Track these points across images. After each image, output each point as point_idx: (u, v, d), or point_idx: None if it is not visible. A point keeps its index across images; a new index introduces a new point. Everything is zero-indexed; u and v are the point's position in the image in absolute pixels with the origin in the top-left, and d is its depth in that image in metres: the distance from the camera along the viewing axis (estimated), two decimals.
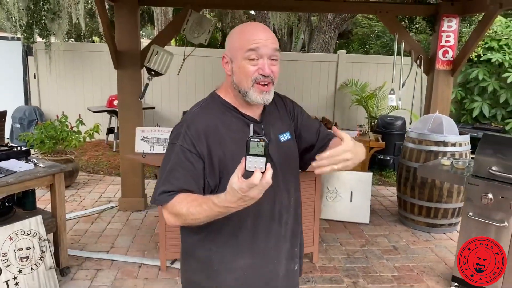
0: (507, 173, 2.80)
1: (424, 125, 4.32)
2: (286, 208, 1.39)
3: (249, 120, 1.33)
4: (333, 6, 4.67)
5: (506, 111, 6.87)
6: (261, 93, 1.28)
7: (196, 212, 1.16)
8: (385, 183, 5.92)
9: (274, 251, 1.38)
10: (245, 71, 1.26)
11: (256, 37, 1.25)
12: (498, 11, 4.05)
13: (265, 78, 1.27)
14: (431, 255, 3.79)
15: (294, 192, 1.43)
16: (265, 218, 1.33)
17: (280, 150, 1.36)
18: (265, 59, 1.26)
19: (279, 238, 1.38)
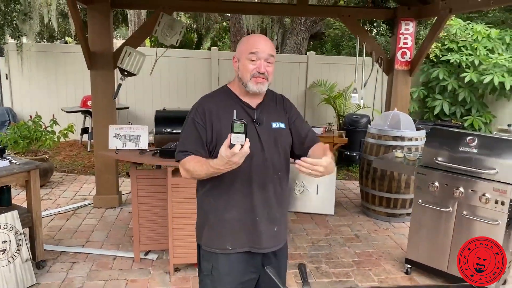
0: (451, 163, 3.10)
1: (384, 121, 4.62)
2: (271, 178, 1.75)
3: (246, 106, 1.76)
4: (298, 9, 4.92)
5: (464, 108, 7.30)
6: (256, 84, 1.72)
7: (198, 170, 1.64)
8: (351, 177, 6.23)
9: (257, 211, 1.74)
10: (246, 68, 1.71)
11: (257, 45, 1.70)
12: (448, 15, 4.38)
13: (260, 75, 1.70)
14: (390, 241, 4.08)
15: (279, 168, 1.78)
16: (251, 183, 1.72)
17: (270, 133, 1.76)
18: (262, 61, 1.70)
19: (262, 201, 1.75)
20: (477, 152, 2.98)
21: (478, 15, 9.65)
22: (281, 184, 1.82)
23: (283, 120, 1.83)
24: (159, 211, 3.45)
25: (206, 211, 1.81)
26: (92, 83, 4.51)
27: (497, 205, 2.88)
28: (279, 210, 1.82)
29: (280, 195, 1.81)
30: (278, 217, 1.82)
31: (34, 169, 3.16)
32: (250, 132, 1.67)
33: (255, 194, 1.73)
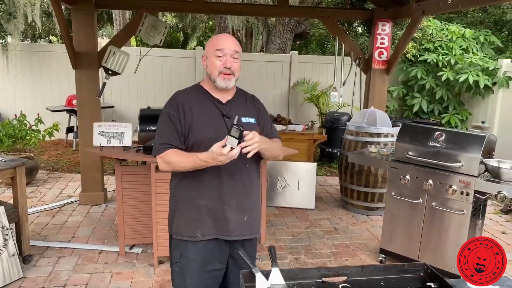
0: (421, 157, 3.27)
1: (362, 118, 4.80)
2: (239, 169, 1.87)
3: (216, 101, 1.89)
4: (279, 10, 5.07)
5: (442, 106, 7.54)
6: (224, 79, 1.84)
7: (183, 162, 1.78)
8: (332, 173, 6.40)
9: (226, 199, 1.86)
10: (214, 65, 1.84)
11: (222, 42, 1.84)
12: (421, 17, 4.58)
13: (227, 70, 1.83)
14: (367, 233, 4.26)
15: (248, 160, 1.86)
16: (220, 173, 1.84)
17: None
18: (228, 57, 1.83)
19: (231, 190, 1.86)
20: (445, 146, 3.17)
21: (457, 15, 9.94)
22: (250, 175, 1.93)
23: (253, 116, 1.95)
24: (143, 206, 3.56)
25: (177, 200, 1.92)
26: (77, 82, 4.59)
27: (463, 196, 3.07)
28: (248, 200, 1.92)
29: (249, 185, 1.92)
30: (247, 207, 1.92)
31: (20, 165, 3.24)
32: (220, 125, 1.84)
33: (224, 183, 1.85)
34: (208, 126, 1.84)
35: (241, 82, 1.98)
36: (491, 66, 6.84)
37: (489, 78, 6.81)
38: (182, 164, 1.78)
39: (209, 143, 1.74)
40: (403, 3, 4.94)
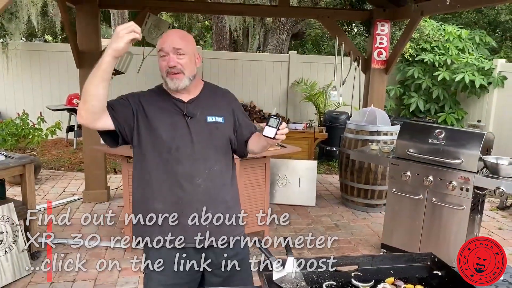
0: (421, 154, 3.37)
1: (361, 117, 4.89)
2: (201, 173, 1.72)
3: (177, 101, 1.76)
4: (279, 10, 5.15)
5: (438, 105, 7.66)
6: (172, 80, 1.69)
7: (91, 75, 1.56)
8: (331, 172, 6.50)
9: (184, 204, 1.71)
10: (160, 66, 1.71)
11: (163, 41, 1.70)
12: (420, 17, 4.68)
13: (172, 69, 1.67)
14: (368, 230, 4.35)
15: (214, 163, 1.75)
16: (177, 176, 1.70)
17: (203, 128, 1.75)
18: (170, 55, 1.66)
19: (190, 195, 1.71)
20: (445, 143, 3.26)
21: (452, 16, 10.08)
22: (214, 181, 1.75)
23: (222, 114, 1.80)
24: None
25: (136, 206, 1.79)
26: (81, 81, 4.62)
27: (462, 191, 3.16)
28: (210, 208, 1.73)
29: (213, 190, 1.75)
30: (212, 213, 1.73)
31: (29, 163, 3.30)
32: (179, 124, 1.72)
33: (182, 187, 1.70)
34: (166, 126, 1.71)
35: (240, 82, 1.93)
36: (486, 66, 6.97)
37: (485, 77, 6.94)
38: (89, 81, 1.55)
39: (166, 141, 1.69)
40: (402, 4, 5.04)
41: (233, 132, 1.84)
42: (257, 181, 3.86)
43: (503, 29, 10.94)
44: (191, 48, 1.72)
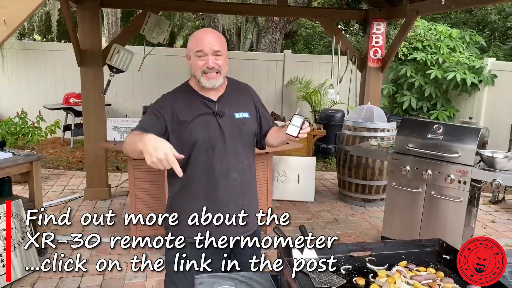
0: (420, 148, 3.48)
1: (358, 114, 5.01)
2: (235, 168, 1.82)
3: (206, 100, 1.81)
4: (278, 10, 5.24)
5: (430, 103, 7.82)
6: (208, 79, 1.76)
7: (129, 140, 1.66)
8: (328, 168, 6.61)
9: (223, 200, 1.79)
10: (196, 65, 1.75)
11: (202, 41, 1.74)
12: (415, 17, 4.81)
13: (210, 70, 1.74)
14: (366, 224, 4.46)
15: (244, 158, 1.85)
16: (214, 173, 1.79)
17: (233, 124, 1.82)
18: (209, 56, 1.73)
19: (227, 191, 1.80)
20: (443, 138, 3.38)
21: (441, 16, 10.28)
22: (245, 173, 1.86)
23: (247, 110, 1.88)
24: (155, 198, 3.69)
25: (175, 204, 1.85)
26: (82, 79, 4.67)
27: (460, 184, 3.28)
28: (246, 198, 1.85)
29: (245, 183, 1.86)
30: (246, 205, 1.84)
31: (36, 160, 3.33)
32: (212, 124, 1.78)
33: (219, 184, 1.78)
34: (200, 127, 1.77)
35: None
36: (477, 64, 7.15)
37: (475, 76, 7.11)
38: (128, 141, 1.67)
39: (203, 143, 1.75)
40: (397, 3, 5.16)
41: (257, 126, 1.92)
42: (260, 177, 3.94)
43: (491, 28, 11.20)
44: (225, 49, 1.80)
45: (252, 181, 1.93)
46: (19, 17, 1.52)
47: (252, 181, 1.93)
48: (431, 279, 1.56)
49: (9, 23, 1.49)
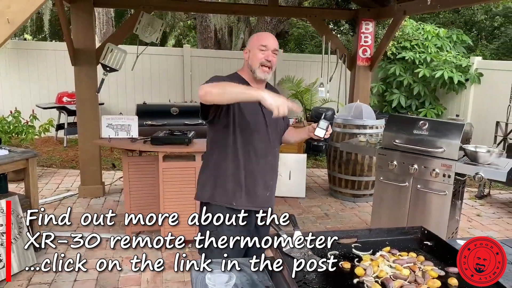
0: (407, 144, 3.59)
1: (348, 112, 5.13)
2: (271, 151, 2.18)
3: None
4: (270, 10, 5.34)
5: (419, 101, 7.99)
6: (263, 72, 2.06)
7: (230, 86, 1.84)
8: (318, 165, 6.73)
9: (257, 176, 2.13)
10: (257, 57, 2.05)
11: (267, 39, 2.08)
12: (403, 17, 4.94)
13: (267, 63, 2.05)
14: (356, 218, 4.58)
15: (277, 144, 2.22)
16: (256, 152, 2.12)
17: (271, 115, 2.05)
18: (269, 51, 2.05)
19: (261, 169, 2.15)
20: (428, 134, 3.49)
21: (430, 16, 10.45)
22: (276, 158, 2.24)
23: None
24: (149, 195, 3.77)
25: (216, 173, 2.15)
26: (76, 78, 4.72)
27: (445, 178, 3.40)
28: (273, 178, 2.22)
29: (275, 165, 2.24)
30: (271, 184, 2.21)
31: (32, 157, 3.39)
32: (258, 112, 2.10)
33: (258, 162, 2.12)
34: (248, 112, 2.07)
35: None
36: (464, 63, 7.31)
37: (462, 74, 7.28)
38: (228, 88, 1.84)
39: (249, 128, 2.05)
40: (385, 3, 5.29)
41: (283, 122, 2.27)
42: None
43: (478, 28, 11.41)
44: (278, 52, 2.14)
45: (277, 166, 2.29)
46: (22, 16, 1.59)
47: (277, 166, 2.29)
48: (412, 263, 1.67)
49: (13, 22, 1.56)
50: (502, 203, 5.32)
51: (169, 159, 3.54)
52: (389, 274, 1.58)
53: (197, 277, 1.66)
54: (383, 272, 1.58)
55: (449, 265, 1.64)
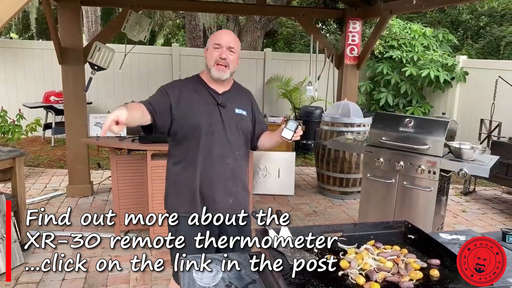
0: (393, 141, 3.65)
1: (336, 110, 5.17)
2: (230, 155, 2.04)
3: (212, 91, 2.04)
4: (258, 9, 5.36)
5: (406, 100, 8.08)
6: (218, 70, 1.98)
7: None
8: (307, 164, 6.78)
9: (215, 181, 2.03)
10: (211, 55, 1.99)
11: (221, 36, 2.00)
12: (389, 15, 5.00)
13: (222, 61, 1.97)
14: (344, 215, 4.63)
15: (239, 148, 2.07)
16: (212, 156, 2.02)
17: (232, 117, 2.05)
18: (224, 49, 1.97)
19: (219, 173, 2.04)
20: (414, 131, 3.55)
21: (417, 15, 10.58)
22: (238, 162, 2.08)
23: (246, 109, 2.11)
24: (138, 193, 3.77)
25: (172, 179, 2.09)
26: (63, 77, 4.69)
27: (430, 174, 3.46)
28: (236, 184, 2.08)
29: (236, 170, 2.07)
30: (234, 191, 2.07)
31: (19, 156, 3.37)
32: (214, 112, 2.01)
33: (215, 166, 2.01)
34: (203, 113, 1.99)
35: None
36: (450, 62, 7.42)
37: (448, 73, 7.39)
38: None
39: (204, 127, 1.96)
40: (372, 3, 5.35)
41: (251, 125, 2.15)
42: None
43: (464, 27, 11.58)
44: (238, 50, 2.05)
45: (243, 171, 2.13)
46: (7, 14, 1.59)
47: (243, 171, 2.13)
48: (395, 255, 1.70)
49: None
50: (487, 199, 5.42)
51: (157, 158, 3.54)
52: (373, 266, 1.61)
53: (185, 272, 1.68)
54: (367, 265, 1.61)
55: (431, 257, 1.69)
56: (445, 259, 1.65)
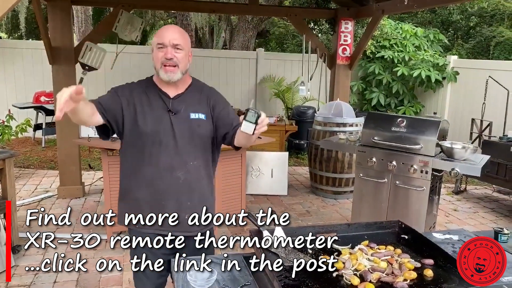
0: (385, 141, 3.66)
1: (328, 110, 5.19)
2: (182, 166, 1.82)
3: (163, 95, 1.84)
4: (250, 9, 5.36)
5: (398, 100, 8.13)
6: (166, 72, 1.78)
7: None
8: (300, 164, 6.78)
9: (164, 195, 1.82)
10: (156, 57, 1.79)
11: (163, 34, 1.79)
12: (381, 16, 5.02)
13: (168, 61, 1.76)
14: (337, 215, 4.64)
15: (193, 158, 1.84)
16: (159, 167, 1.81)
17: (186, 123, 1.83)
18: (168, 48, 1.75)
19: (170, 187, 1.82)
20: (406, 131, 3.57)
21: (408, 16, 10.65)
22: (192, 174, 1.85)
23: (204, 111, 1.86)
24: None
25: (121, 190, 1.93)
26: (54, 77, 4.64)
27: (422, 174, 3.48)
28: (191, 198, 1.85)
29: (191, 184, 1.85)
30: (189, 205, 1.84)
31: (9, 157, 3.33)
32: (163, 119, 1.80)
33: (163, 179, 1.80)
34: (151, 120, 1.80)
35: (209, 78, 2.03)
36: (440, 62, 7.48)
37: (439, 73, 7.44)
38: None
39: (150, 136, 1.78)
40: (364, 3, 5.37)
41: (214, 129, 1.89)
42: (234, 172, 4.05)
43: (454, 28, 11.68)
44: (187, 45, 1.82)
45: (201, 183, 1.89)
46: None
47: (201, 183, 1.89)
48: (389, 255, 1.71)
49: None
50: (478, 198, 5.47)
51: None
52: (368, 267, 1.62)
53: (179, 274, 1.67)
54: (362, 265, 1.62)
55: (425, 257, 1.69)
56: (438, 259, 1.66)
